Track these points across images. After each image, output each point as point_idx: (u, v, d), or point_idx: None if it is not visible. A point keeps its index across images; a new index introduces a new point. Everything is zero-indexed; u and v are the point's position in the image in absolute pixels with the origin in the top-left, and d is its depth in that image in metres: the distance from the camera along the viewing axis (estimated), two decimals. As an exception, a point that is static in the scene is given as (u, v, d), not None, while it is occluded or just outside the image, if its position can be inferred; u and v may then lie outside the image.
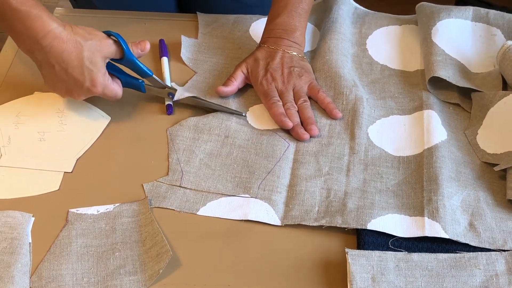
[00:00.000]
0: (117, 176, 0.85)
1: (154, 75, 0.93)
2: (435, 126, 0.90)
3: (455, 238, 0.76)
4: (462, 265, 0.73)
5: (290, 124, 0.90)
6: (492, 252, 0.74)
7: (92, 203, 0.81)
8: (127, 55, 0.89)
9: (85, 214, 0.80)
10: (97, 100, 0.95)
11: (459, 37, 1.03)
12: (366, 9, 1.14)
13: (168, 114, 0.94)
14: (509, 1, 2.09)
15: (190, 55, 1.05)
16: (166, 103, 0.95)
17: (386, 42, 1.08)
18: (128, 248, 0.77)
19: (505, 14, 1.07)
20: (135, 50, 0.91)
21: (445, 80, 0.95)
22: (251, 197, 0.82)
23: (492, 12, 1.07)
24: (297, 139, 0.90)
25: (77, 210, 0.80)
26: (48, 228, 0.78)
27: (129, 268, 0.74)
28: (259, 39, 1.04)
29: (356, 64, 1.03)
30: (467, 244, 0.76)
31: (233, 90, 0.97)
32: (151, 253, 0.75)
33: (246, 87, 0.99)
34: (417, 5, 1.10)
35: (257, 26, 1.11)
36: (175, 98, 0.94)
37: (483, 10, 1.07)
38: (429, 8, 1.07)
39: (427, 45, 1.02)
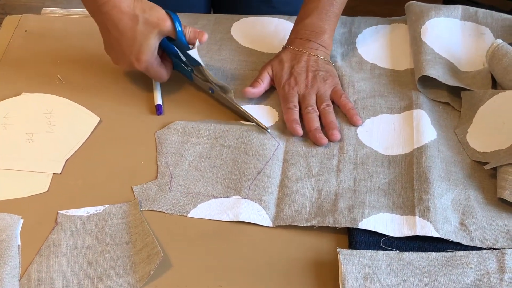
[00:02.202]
0: (106, 177, 0.85)
1: (202, 66, 0.93)
2: (425, 126, 0.91)
3: (446, 237, 0.76)
4: (453, 264, 0.73)
5: (300, 132, 0.89)
6: (483, 251, 0.74)
7: (82, 205, 0.81)
8: (179, 37, 0.90)
9: (74, 215, 0.80)
10: (86, 101, 0.94)
11: (448, 36, 1.04)
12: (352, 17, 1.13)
13: (158, 115, 0.93)
14: (496, 0, 2.11)
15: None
16: (156, 103, 0.94)
17: (376, 41, 1.08)
18: (118, 249, 0.76)
19: (494, 12, 1.07)
20: (192, 36, 0.92)
21: (435, 79, 0.95)
22: (242, 197, 0.82)
23: (481, 11, 1.07)
24: (315, 143, 0.89)
25: (67, 212, 0.80)
26: (38, 230, 0.78)
27: (120, 270, 0.74)
28: (241, 39, 1.03)
29: (345, 62, 1.03)
30: (458, 243, 0.76)
31: (261, 91, 0.96)
32: (142, 255, 0.75)
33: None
34: (406, 4, 1.10)
35: (238, 27, 1.10)
36: (189, 51, 0.92)
37: (472, 9, 1.07)
38: (418, 7, 1.07)
39: (417, 44, 1.02)
